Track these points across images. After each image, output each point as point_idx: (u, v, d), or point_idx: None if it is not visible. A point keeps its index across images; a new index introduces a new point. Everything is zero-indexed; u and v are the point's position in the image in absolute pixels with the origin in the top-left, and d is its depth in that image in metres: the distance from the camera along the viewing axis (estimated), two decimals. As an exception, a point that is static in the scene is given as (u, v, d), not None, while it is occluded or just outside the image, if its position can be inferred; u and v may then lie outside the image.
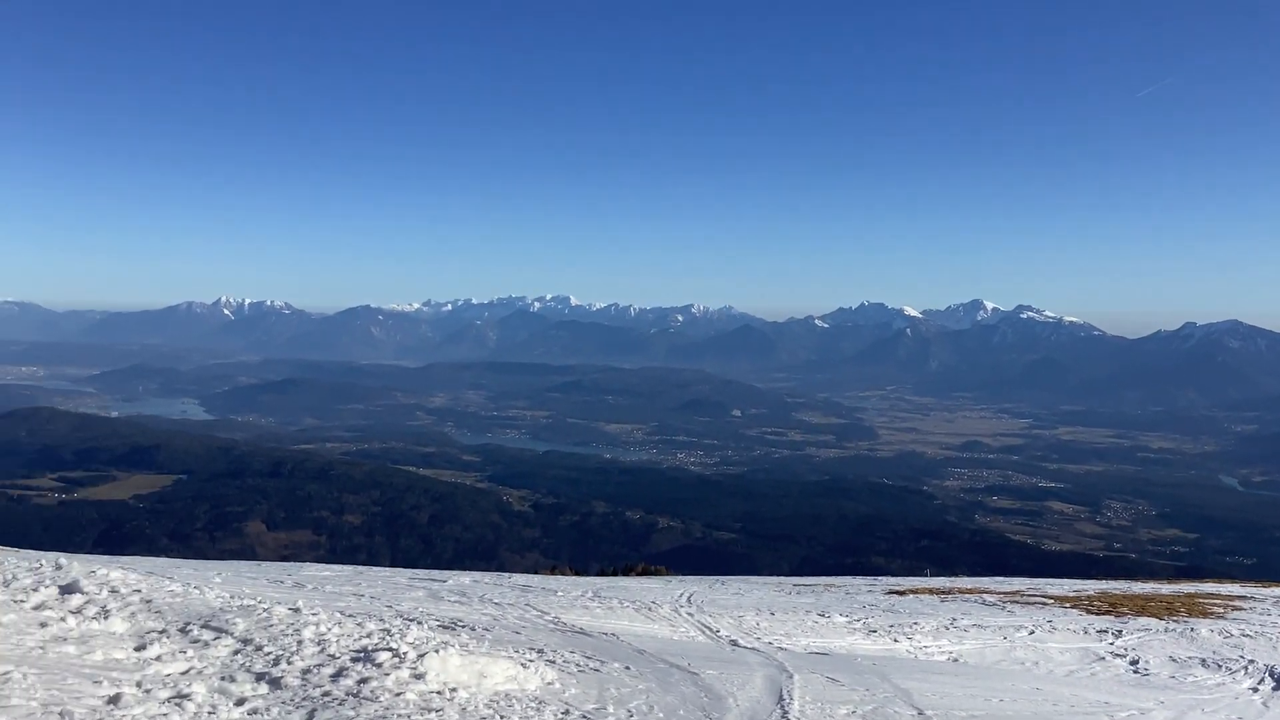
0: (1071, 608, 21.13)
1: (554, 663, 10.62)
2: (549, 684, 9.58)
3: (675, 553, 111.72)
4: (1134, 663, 14.86)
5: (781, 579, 30.47)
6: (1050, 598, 23.04)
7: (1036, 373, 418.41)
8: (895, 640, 15.87)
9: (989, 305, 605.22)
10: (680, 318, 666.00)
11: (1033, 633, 17.25)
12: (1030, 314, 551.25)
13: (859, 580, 29.65)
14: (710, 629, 15.71)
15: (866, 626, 17.10)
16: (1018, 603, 21.94)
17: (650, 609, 17.51)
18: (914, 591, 24.21)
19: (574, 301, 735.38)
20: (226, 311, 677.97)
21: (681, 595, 20.48)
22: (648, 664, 11.23)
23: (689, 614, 17.30)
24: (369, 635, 9.96)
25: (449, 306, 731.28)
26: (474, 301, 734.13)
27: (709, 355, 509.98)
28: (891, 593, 23.86)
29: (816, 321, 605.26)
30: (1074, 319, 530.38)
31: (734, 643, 14.36)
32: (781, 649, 13.92)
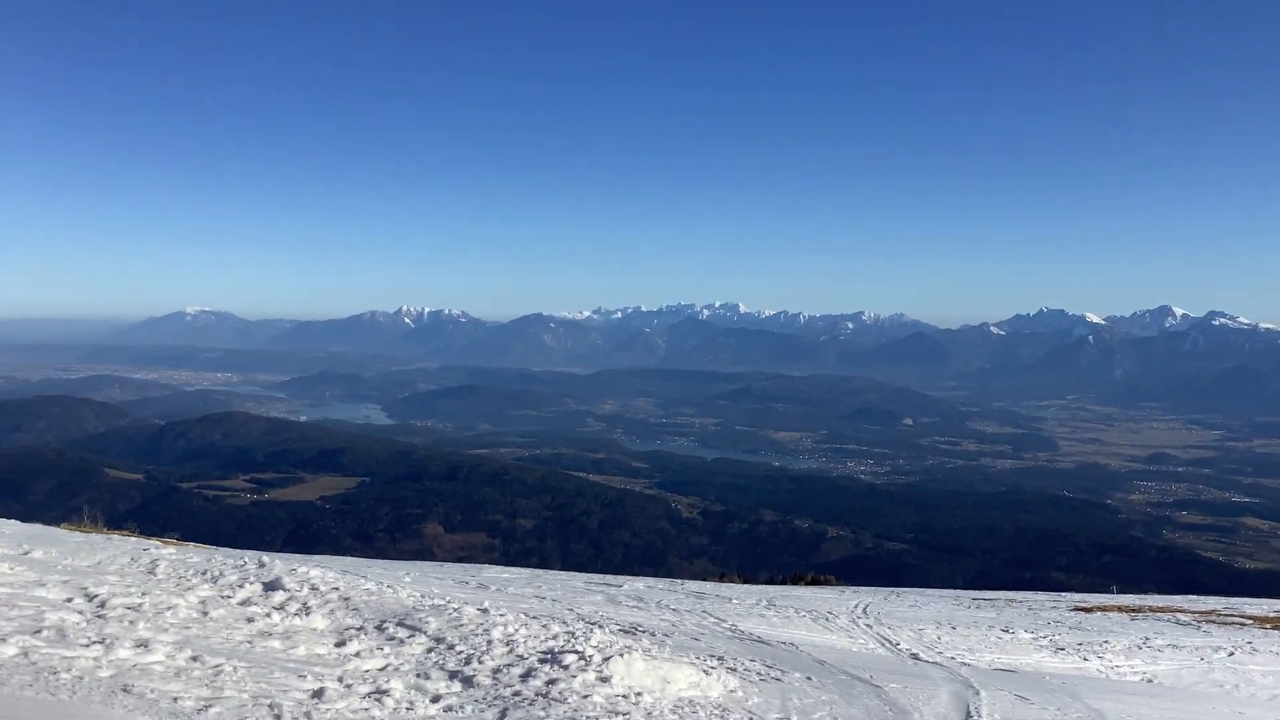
0: (1273, 629, 20.04)
1: (735, 670, 10.62)
2: (731, 692, 9.58)
3: (845, 562, 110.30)
4: (1347, 691, 13.98)
5: (959, 592, 29.77)
6: (1249, 618, 21.89)
7: (1230, 382, 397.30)
8: (1085, 659, 15.33)
9: (1178, 311, 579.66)
10: (850, 325, 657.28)
11: (1232, 654, 16.42)
12: (1223, 320, 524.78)
13: (1041, 596, 28.74)
14: (890, 641, 15.46)
15: (1053, 644, 16.57)
16: (1214, 622, 20.90)
17: (827, 619, 17.34)
18: (1101, 609, 23.33)
19: (743, 309, 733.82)
20: (407, 320, 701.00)
21: (857, 606, 20.22)
22: (829, 675, 11.12)
23: (866, 625, 17.06)
24: (554, 637, 10.14)
25: (619, 314, 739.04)
26: (643, 309, 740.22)
27: (879, 363, 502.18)
28: (1077, 609, 23.05)
29: (992, 329, 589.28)
30: (1270, 325, 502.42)
31: (915, 656, 14.10)
32: (965, 664, 13.60)
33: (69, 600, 9.70)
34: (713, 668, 10.39)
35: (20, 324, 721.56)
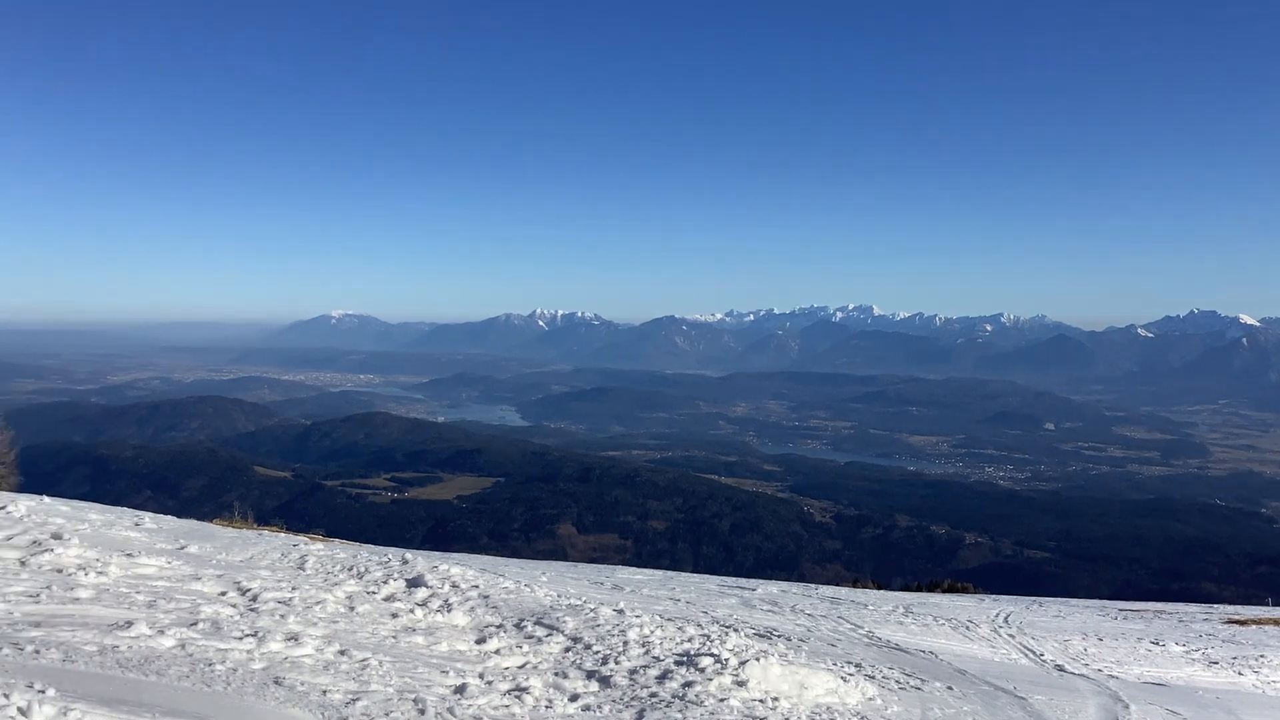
0: None
1: (873, 678, 10.48)
2: (870, 699, 9.45)
3: (983, 570, 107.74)
4: None
5: (1104, 603, 28.81)
6: None
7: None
8: (1240, 673, 14.69)
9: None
10: (989, 327, 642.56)
11: (1404, 675, 15.54)
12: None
13: (1191, 608, 27.65)
14: (1033, 652, 15.05)
15: (1206, 657, 15.93)
16: (1382, 641, 19.82)
17: (967, 628, 16.97)
18: (1257, 622, 22.34)
19: (877, 311, 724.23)
20: (541, 323, 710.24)
21: (998, 615, 19.75)
22: (970, 685, 10.89)
23: (1009, 635, 16.65)
24: (690, 640, 10.15)
25: (751, 317, 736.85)
26: (776, 311, 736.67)
27: (1019, 366, 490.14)
28: (1231, 622, 22.12)
29: (1139, 331, 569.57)
30: None
31: (1060, 668, 13.69)
32: (1113, 677, 13.16)
33: (223, 594, 10.07)
34: (850, 674, 10.26)
35: (177, 327, 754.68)
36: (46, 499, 16.19)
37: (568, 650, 9.56)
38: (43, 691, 5.87)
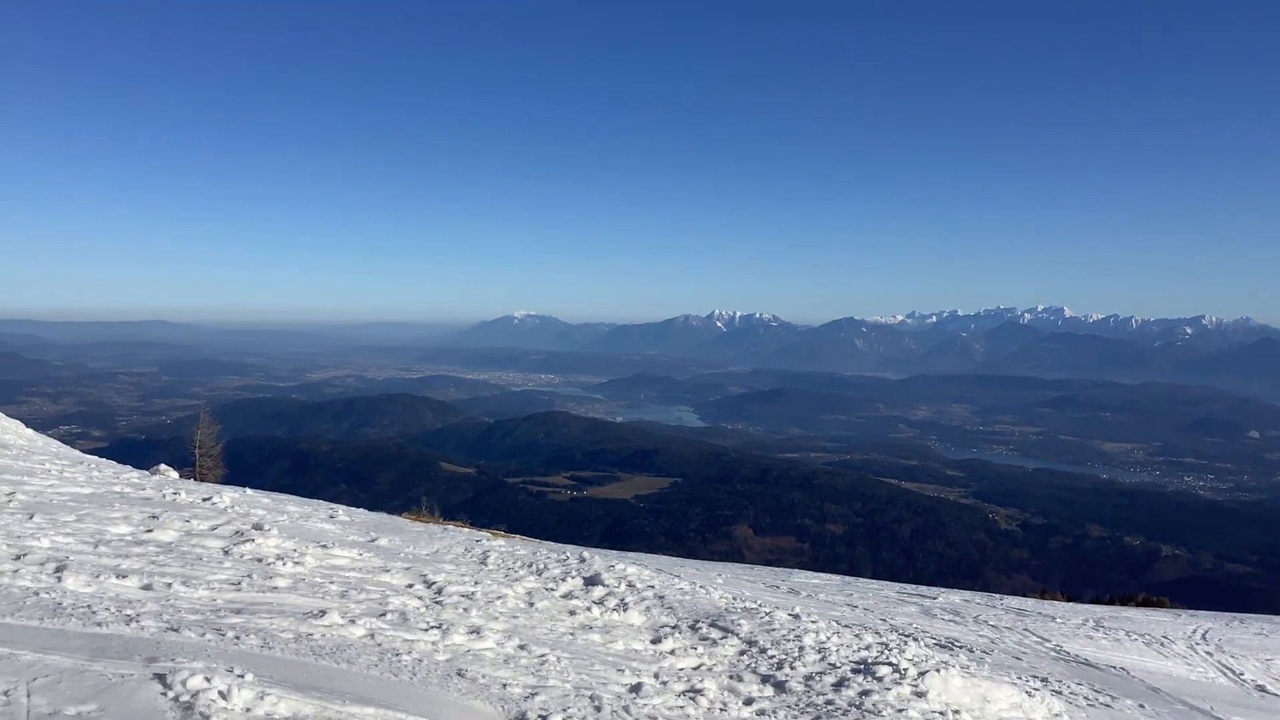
0: None
1: (1060, 694, 10.12)
2: (1056, 716, 9.11)
3: (1180, 584, 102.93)
4: None
5: (1315, 623, 27.08)
6: None
7: None
8: None
9: None
10: (1189, 330, 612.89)
11: None
12: None
13: None
14: (1232, 671, 14.27)
15: None
16: None
17: (1161, 644, 16.21)
18: None
19: (1068, 313, 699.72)
20: (719, 324, 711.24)
21: (1195, 631, 18.79)
22: (1164, 704, 10.41)
23: (1206, 653, 15.82)
24: (867, 647, 9.99)
25: (933, 318, 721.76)
26: (959, 313, 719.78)
27: (1221, 371, 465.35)
28: None
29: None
30: None
31: (1261, 688, 12.94)
32: (1323, 702, 12.36)
33: (410, 586, 10.42)
34: (1036, 689, 9.93)
35: (371, 327, 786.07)
36: (249, 491, 17.07)
37: (742, 654, 9.54)
38: (242, 676, 6.18)
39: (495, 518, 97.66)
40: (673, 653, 9.43)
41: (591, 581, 11.68)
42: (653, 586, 11.82)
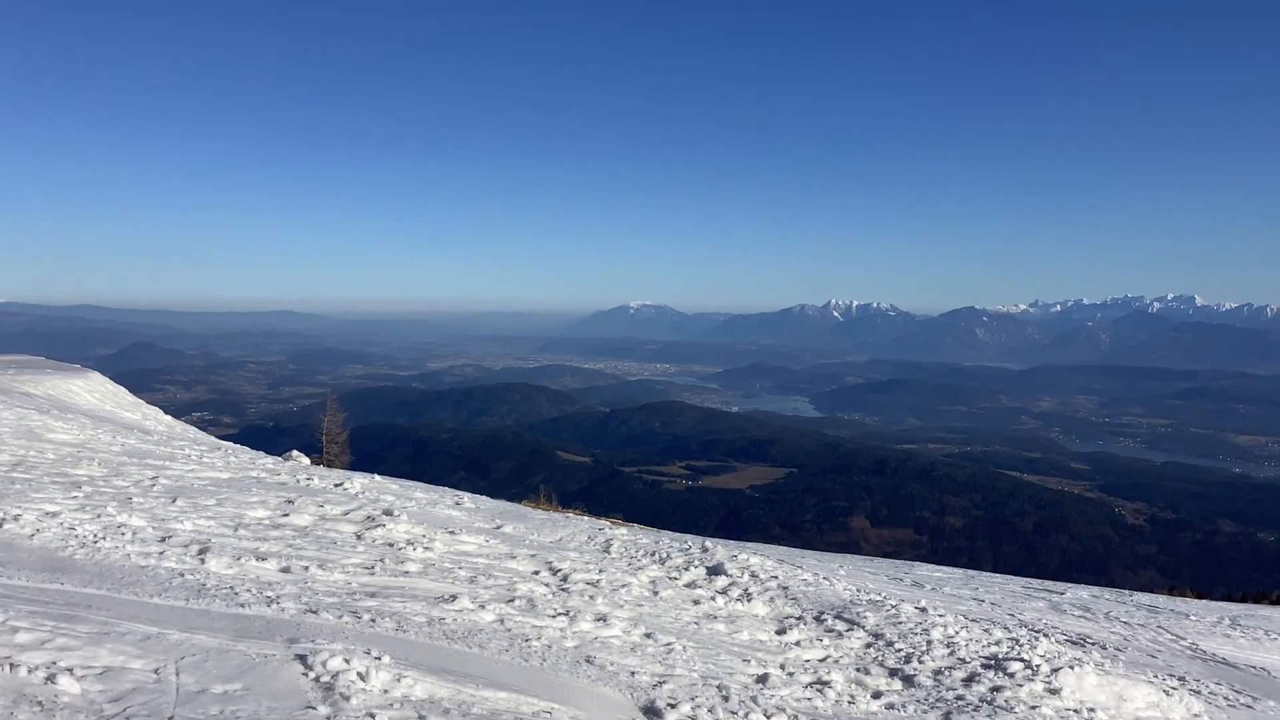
0: None
1: (1199, 694, 9.80)
2: (1195, 716, 8.82)
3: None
4: None
5: None
6: None
7: None
8: None
9: None
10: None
11: None
12: None
13: None
14: (1384, 677, 13.64)
15: None
16: None
17: (1305, 646, 15.57)
18: None
19: (1199, 301, 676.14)
20: (835, 314, 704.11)
21: (1341, 634, 18.02)
22: (1311, 709, 9.99)
23: (1354, 656, 15.16)
24: (997, 643, 9.80)
25: (1058, 307, 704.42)
26: (1085, 302, 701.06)
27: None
28: None
29: None
30: None
31: None
32: None
33: (536, 573, 10.55)
34: (1173, 689, 9.62)
35: (489, 317, 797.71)
36: (377, 477, 17.46)
37: (869, 646, 9.45)
38: (379, 658, 6.33)
39: (611, 506, 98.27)
40: (798, 644, 9.38)
41: (715, 571, 11.68)
42: (776, 577, 11.76)
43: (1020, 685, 8.46)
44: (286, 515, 11.31)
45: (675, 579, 11.32)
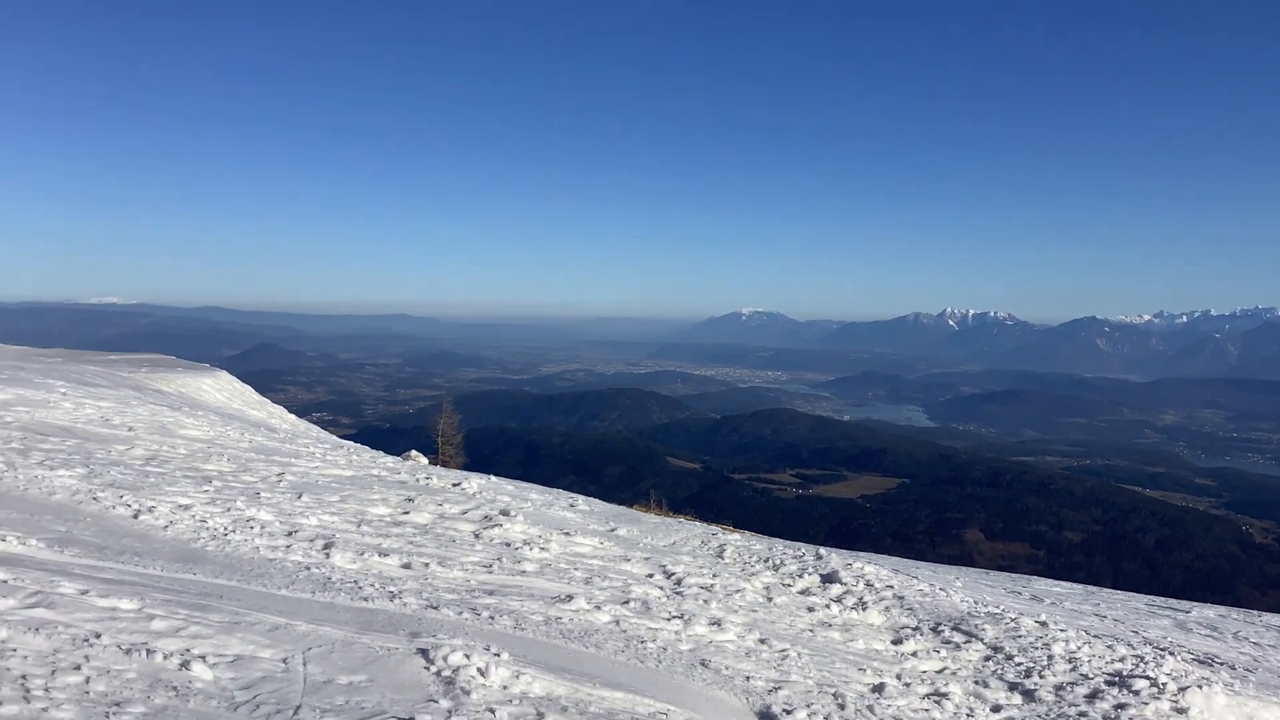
0: None
1: (1337, 720, 9.40)
2: (1333, 743, 8.50)
3: None
4: None
5: None
6: None
7: None
8: None
9: None
10: None
11: None
12: None
13: None
14: None
15: None
16: None
17: None
18: None
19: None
20: (951, 323, 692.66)
21: None
22: None
23: None
24: (1121, 660, 9.56)
25: (1183, 318, 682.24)
26: (1212, 313, 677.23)
27: None
28: None
29: None
30: None
31: None
32: None
33: (650, 576, 10.60)
34: (1309, 714, 9.26)
35: (601, 322, 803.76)
36: (493, 478, 17.73)
37: (987, 659, 9.29)
38: (498, 655, 6.44)
39: (720, 513, 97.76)
40: (914, 654, 9.28)
41: (829, 579, 11.60)
42: (891, 586, 11.64)
43: (1145, 703, 8.24)
44: (407, 513, 11.56)
45: (789, 586, 11.27)
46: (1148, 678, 8.80)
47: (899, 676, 8.44)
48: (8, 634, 5.37)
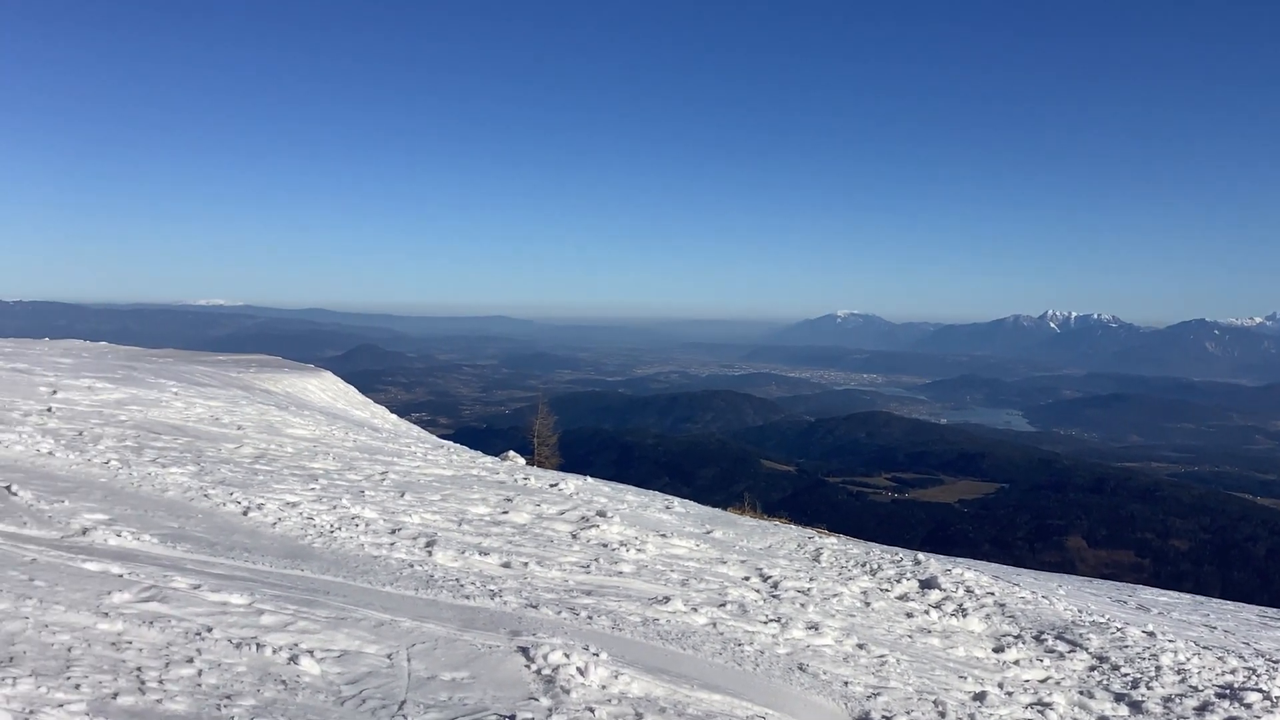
0: None
1: None
2: None
3: None
4: None
5: None
6: None
7: None
8: None
9: None
10: None
11: None
12: None
13: None
14: None
15: None
16: None
17: None
18: None
19: None
20: (1052, 325, 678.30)
21: None
22: None
23: None
24: (1232, 672, 9.31)
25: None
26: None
27: None
28: None
29: None
30: None
31: None
32: None
33: (746, 579, 10.59)
34: None
35: (695, 324, 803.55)
36: (589, 479, 17.84)
37: (1093, 669, 9.11)
38: (597, 655, 6.50)
39: (814, 516, 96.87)
40: (1017, 663, 9.13)
41: (928, 585, 11.47)
42: (992, 593, 11.47)
43: (1258, 717, 8.03)
44: (506, 513, 11.71)
45: (887, 591, 11.18)
46: (1260, 690, 8.57)
47: (1001, 685, 8.32)
48: (124, 627, 5.57)
